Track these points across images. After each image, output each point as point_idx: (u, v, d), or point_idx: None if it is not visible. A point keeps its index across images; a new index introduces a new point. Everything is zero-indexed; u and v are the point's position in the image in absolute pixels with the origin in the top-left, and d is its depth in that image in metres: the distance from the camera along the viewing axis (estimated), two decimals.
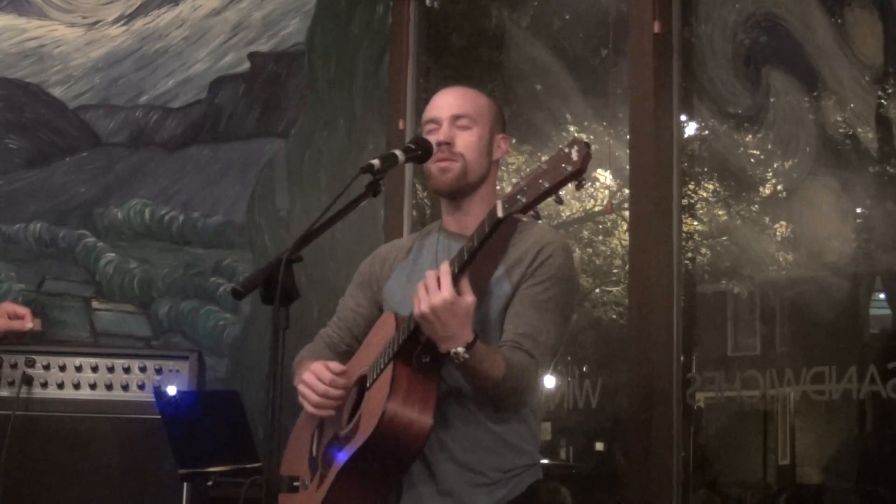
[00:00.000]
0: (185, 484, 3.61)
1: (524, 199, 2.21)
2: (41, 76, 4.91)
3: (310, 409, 2.59)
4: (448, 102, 2.67)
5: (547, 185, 2.18)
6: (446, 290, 2.30)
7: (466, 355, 2.33)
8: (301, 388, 2.59)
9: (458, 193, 2.65)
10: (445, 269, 2.33)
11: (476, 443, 2.53)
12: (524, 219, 2.25)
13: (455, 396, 2.52)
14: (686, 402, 3.57)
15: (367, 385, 2.53)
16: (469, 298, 2.33)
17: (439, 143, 2.60)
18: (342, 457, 2.47)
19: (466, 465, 2.52)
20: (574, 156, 2.15)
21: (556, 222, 4.25)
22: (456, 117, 2.63)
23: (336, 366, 2.59)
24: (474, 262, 2.36)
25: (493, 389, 2.44)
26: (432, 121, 2.65)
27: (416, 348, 2.42)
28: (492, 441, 2.53)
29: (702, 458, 3.71)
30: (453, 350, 2.33)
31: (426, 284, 2.33)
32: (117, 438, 3.75)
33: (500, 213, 2.25)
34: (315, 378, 2.56)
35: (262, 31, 4.84)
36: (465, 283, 2.34)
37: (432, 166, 2.62)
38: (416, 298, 2.34)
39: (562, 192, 2.20)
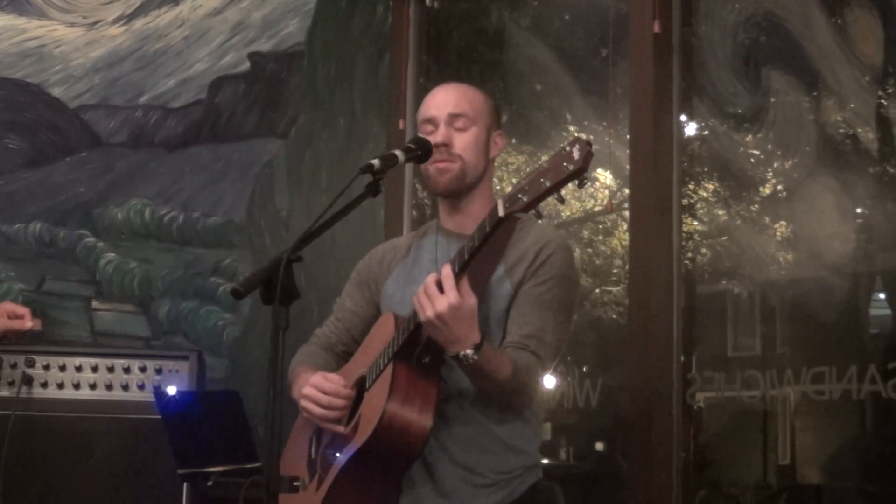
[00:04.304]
0: (185, 484, 3.61)
1: (525, 198, 2.19)
2: (41, 76, 4.91)
3: (315, 421, 2.58)
4: (444, 101, 2.64)
5: (548, 183, 2.17)
6: (451, 295, 2.28)
7: (475, 357, 2.32)
8: (304, 403, 2.57)
9: (457, 194, 2.63)
10: (447, 273, 2.30)
11: (475, 444, 2.52)
12: (522, 216, 2.24)
13: (455, 397, 2.51)
14: (686, 402, 3.57)
15: (367, 386, 2.52)
16: (471, 300, 2.32)
17: (437, 145, 2.58)
18: (341, 458, 2.47)
19: (466, 466, 2.51)
20: (576, 154, 2.14)
21: (556, 222, 4.25)
22: (453, 117, 2.60)
23: (336, 377, 2.58)
24: (474, 263, 2.35)
25: (499, 390, 2.43)
26: (429, 121, 2.63)
27: (416, 349, 2.41)
28: (492, 442, 2.53)
29: (702, 458, 3.70)
30: (462, 353, 2.31)
31: (426, 290, 2.30)
32: (117, 438, 3.75)
33: (501, 212, 2.24)
34: (317, 391, 2.54)
35: (262, 31, 4.84)
36: (465, 285, 2.32)
37: (430, 168, 2.60)
38: (419, 304, 2.31)
39: (562, 192, 2.20)
